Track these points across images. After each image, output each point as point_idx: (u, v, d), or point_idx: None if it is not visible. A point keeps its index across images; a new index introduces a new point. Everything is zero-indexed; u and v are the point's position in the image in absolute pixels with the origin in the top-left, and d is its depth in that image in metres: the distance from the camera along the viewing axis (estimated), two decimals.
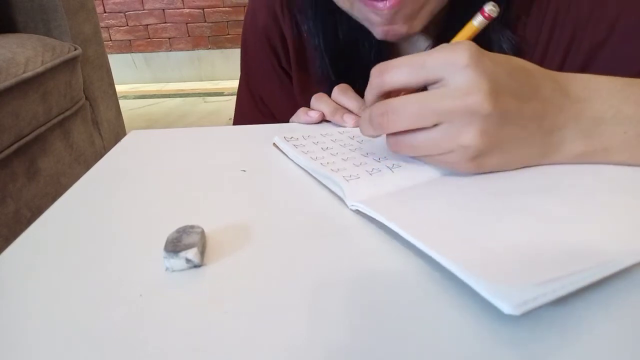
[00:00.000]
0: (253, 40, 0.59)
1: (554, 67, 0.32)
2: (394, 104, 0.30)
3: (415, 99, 0.30)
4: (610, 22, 0.42)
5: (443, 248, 0.24)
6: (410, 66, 0.30)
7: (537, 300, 0.19)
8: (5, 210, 0.96)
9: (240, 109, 0.65)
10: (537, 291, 0.20)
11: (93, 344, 0.21)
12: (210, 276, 0.25)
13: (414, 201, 0.30)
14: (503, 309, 0.19)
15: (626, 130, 0.31)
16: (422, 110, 0.29)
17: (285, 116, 0.50)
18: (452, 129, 0.29)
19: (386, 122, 0.31)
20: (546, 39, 0.45)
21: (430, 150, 0.31)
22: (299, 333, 0.21)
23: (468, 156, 0.30)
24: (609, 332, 0.20)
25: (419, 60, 0.30)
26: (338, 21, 0.51)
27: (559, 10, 0.44)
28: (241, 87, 0.64)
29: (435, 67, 0.29)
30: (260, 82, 0.62)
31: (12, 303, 0.24)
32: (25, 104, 1.01)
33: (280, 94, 0.60)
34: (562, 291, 0.20)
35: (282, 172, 0.37)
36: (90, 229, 0.31)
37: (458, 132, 0.29)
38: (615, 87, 0.32)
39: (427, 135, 0.30)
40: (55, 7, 1.18)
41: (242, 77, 0.64)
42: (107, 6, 2.74)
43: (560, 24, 0.44)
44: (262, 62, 0.60)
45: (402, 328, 0.21)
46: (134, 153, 0.44)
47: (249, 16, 0.60)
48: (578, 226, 0.26)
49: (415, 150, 0.32)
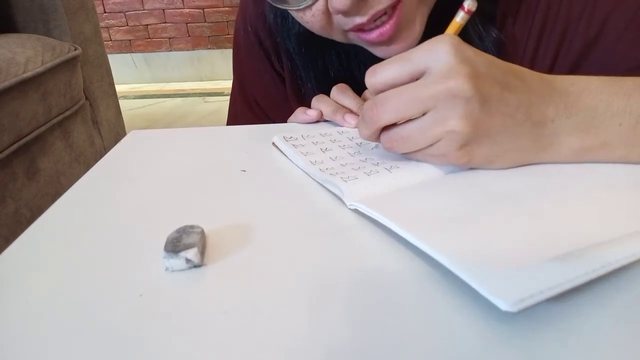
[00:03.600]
0: (245, 42, 0.59)
1: (545, 66, 0.33)
2: (381, 95, 0.32)
3: (401, 89, 0.31)
4: (601, 21, 0.42)
5: (441, 246, 0.24)
6: (399, 62, 0.32)
7: (534, 298, 0.19)
8: (5, 210, 0.96)
9: (234, 111, 0.64)
10: (534, 289, 0.20)
11: (93, 343, 0.21)
12: (210, 276, 0.25)
13: (412, 201, 0.30)
14: (500, 306, 0.19)
15: (621, 123, 0.31)
16: (408, 99, 0.30)
17: (279, 117, 0.50)
18: (437, 115, 0.30)
19: (375, 114, 0.32)
20: (536, 38, 0.45)
21: (420, 141, 0.31)
22: (299, 333, 0.21)
23: (456, 144, 0.30)
24: (608, 331, 0.20)
25: (406, 55, 0.31)
26: (328, 62, 0.51)
27: (550, 9, 0.44)
28: (234, 89, 0.64)
29: (419, 58, 0.31)
30: (253, 83, 0.61)
31: (12, 303, 0.24)
32: (25, 103, 1.01)
33: (274, 94, 0.60)
34: (559, 289, 0.20)
35: (282, 172, 0.37)
36: (90, 229, 0.31)
37: (443, 117, 0.30)
38: (602, 82, 0.33)
39: (415, 125, 0.31)
40: (55, 7, 1.18)
41: (235, 78, 0.63)
42: (107, 6, 2.74)
43: (551, 23, 0.44)
44: (254, 63, 0.59)
45: (401, 327, 0.21)
46: (134, 153, 0.44)
47: (240, 17, 0.59)
48: (576, 225, 0.26)
49: (406, 144, 0.32)
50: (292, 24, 0.50)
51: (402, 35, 0.41)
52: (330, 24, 0.41)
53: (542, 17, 0.44)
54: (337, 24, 0.40)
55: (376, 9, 0.37)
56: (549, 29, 0.44)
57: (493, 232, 0.26)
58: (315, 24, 0.41)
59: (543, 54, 0.45)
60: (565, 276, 0.21)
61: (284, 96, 0.59)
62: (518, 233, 0.25)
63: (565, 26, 0.44)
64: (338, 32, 0.42)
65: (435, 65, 0.30)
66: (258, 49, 0.58)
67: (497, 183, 0.31)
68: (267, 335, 0.21)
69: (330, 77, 0.52)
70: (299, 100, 0.55)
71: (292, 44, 0.51)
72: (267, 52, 0.58)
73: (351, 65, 0.51)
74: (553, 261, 0.22)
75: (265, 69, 0.59)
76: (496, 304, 0.19)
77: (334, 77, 0.52)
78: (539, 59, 0.45)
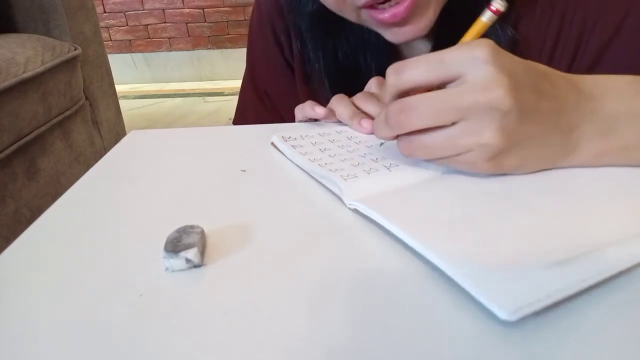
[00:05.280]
0: (258, 31, 0.59)
1: (562, 69, 0.32)
2: (412, 101, 0.30)
3: (435, 95, 0.29)
4: (617, 22, 0.42)
5: (441, 251, 0.24)
6: (428, 63, 0.30)
7: (532, 306, 0.20)
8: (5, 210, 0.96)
9: (243, 102, 0.64)
10: (532, 297, 0.20)
11: (93, 343, 0.21)
12: (210, 276, 0.25)
13: (411, 201, 0.30)
14: (499, 315, 0.19)
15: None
16: (442, 107, 0.29)
17: (289, 109, 0.50)
18: (471, 126, 0.28)
19: (404, 119, 0.30)
20: (553, 40, 0.45)
21: (447, 151, 0.30)
22: (299, 333, 0.21)
23: (487, 155, 0.29)
24: (608, 331, 0.20)
25: (437, 57, 0.29)
26: (337, 44, 0.50)
27: (566, 12, 0.44)
28: (245, 80, 0.64)
29: (454, 63, 0.29)
30: (264, 74, 0.62)
31: (12, 303, 0.24)
32: (25, 103, 1.01)
33: (285, 86, 0.60)
34: (557, 296, 0.20)
35: (282, 172, 0.37)
36: (90, 229, 0.31)
37: (478, 129, 0.28)
38: (623, 84, 0.32)
39: (444, 134, 0.29)
40: (55, 7, 1.18)
41: (247, 69, 0.64)
42: (107, 6, 2.74)
43: (567, 25, 0.44)
44: (267, 54, 0.60)
45: (401, 327, 0.21)
46: (133, 153, 0.44)
47: (255, 6, 0.60)
48: (577, 229, 0.26)
49: (430, 152, 0.31)
50: (306, 2, 0.49)
51: (415, 19, 0.40)
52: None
53: (559, 20, 0.44)
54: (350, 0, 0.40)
55: None
56: (566, 32, 0.44)
57: (492, 234, 0.26)
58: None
59: (560, 55, 0.45)
60: (564, 283, 0.21)
61: (293, 88, 0.59)
62: (518, 235, 0.25)
63: (582, 28, 0.43)
64: (351, 8, 0.41)
65: (473, 72, 0.28)
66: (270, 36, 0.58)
67: (497, 183, 0.31)
68: (267, 335, 0.21)
69: (338, 61, 0.51)
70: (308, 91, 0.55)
71: (304, 22, 0.51)
72: (279, 40, 0.58)
73: (358, 50, 0.50)
74: (551, 267, 0.22)
75: (276, 57, 0.59)
76: (495, 312, 0.20)
77: (342, 61, 0.51)
78: (556, 62, 0.45)
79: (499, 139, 0.28)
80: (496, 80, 0.27)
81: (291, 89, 0.59)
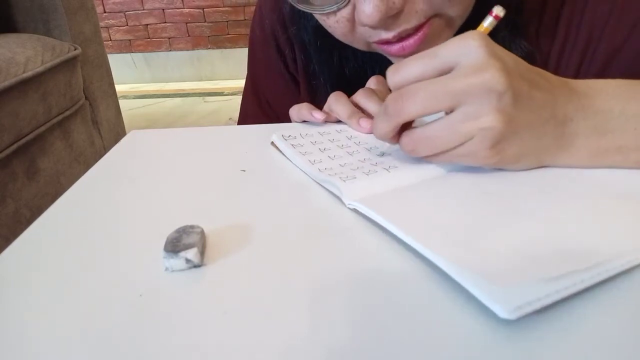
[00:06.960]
0: (260, 42, 0.59)
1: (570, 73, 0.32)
2: (408, 88, 0.30)
3: (429, 82, 0.30)
4: (629, 28, 0.41)
5: (440, 250, 0.24)
6: (424, 57, 0.30)
7: (532, 305, 0.20)
8: (5, 210, 0.96)
9: (245, 111, 0.64)
10: (531, 296, 0.20)
11: (93, 343, 0.21)
12: (210, 276, 0.25)
13: (411, 201, 0.30)
14: (498, 314, 0.20)
15: (636, 127, 0.31)
16: (437, 91, 0.29)
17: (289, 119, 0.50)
18: (469, 110, 0.29)
19: (400, 106, 0.30)
20: (560, 46, 0.45)
21: (449, 140, 0.30)
22: (299, 333, 0.21)
23: (489, 142, 0.29)
24: (608, 331, 0.20)
25: (432, 51, 0.30)
26: (343, 57, 0.50)
27: (573, 17, 0.43)
28: (247, 89, 0.63)
29: (448, 53, 0.30)
30: (266, 84, 0.61)
31: (12, 303, 0.24)
32: (25, 103, 1.01)
33: (287, 97, 0.59)
34: (557, 296, 0.20)
35: (282, 172, 0.37)
36: (90, 229, 0.31)
37: (476, 113, 0.29)
38: (618, 86, 0.33)
39: (444, 122, 0.30)
40: (55, 7, 1.18)
41: (248, 78, 0.63)
42: (107, 6, 2.74)
43: (574, 32, 0.43)
44: (268, 65, 0.59)
45: (401, 327, 0.21)
46: (133, 153, 0.44)
47: (256, 16, 0.59)
48: (576, 229, 0.26)
49: (433, 144, 0.31)
50: (310, 16, 0.48)
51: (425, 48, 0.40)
52: (353, 32, 0.40)
53: (565, 27, 0.44)
54: (360, 34, 0.40)
55: (403, 28, 0.37)
56: (573, 39, 0.44)
57: (492, 234, 0.26)
58: (338, 30, 0.40)
59: (567, 62, 0.45)
60: (564, 282, 0.21)
61: (296, 99, 0.58)
62: (517, 234, 0.25)
63: (589, 34, 0.43)
64: (360, 41, 0.41)
65: (466, 59, 0.29)
66: (273, 49, 0.57)
67: (497, 183, 0.31)
68: (267, 335, 0.21)
69: (344, 74, 0.51)
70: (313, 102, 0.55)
71: (308, 36, 0.51)
72: (282, 52, 0.57)
73: (366, 64, 0.50)
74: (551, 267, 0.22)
75: (278, 70, 0.59)
76: (495, 311, 0.20)
77: (349, 74, 0.51)
78: (563, 68, 0.45)
79: (499, 122, 0.29)
80: (488, 62, 0.28)
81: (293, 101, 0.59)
